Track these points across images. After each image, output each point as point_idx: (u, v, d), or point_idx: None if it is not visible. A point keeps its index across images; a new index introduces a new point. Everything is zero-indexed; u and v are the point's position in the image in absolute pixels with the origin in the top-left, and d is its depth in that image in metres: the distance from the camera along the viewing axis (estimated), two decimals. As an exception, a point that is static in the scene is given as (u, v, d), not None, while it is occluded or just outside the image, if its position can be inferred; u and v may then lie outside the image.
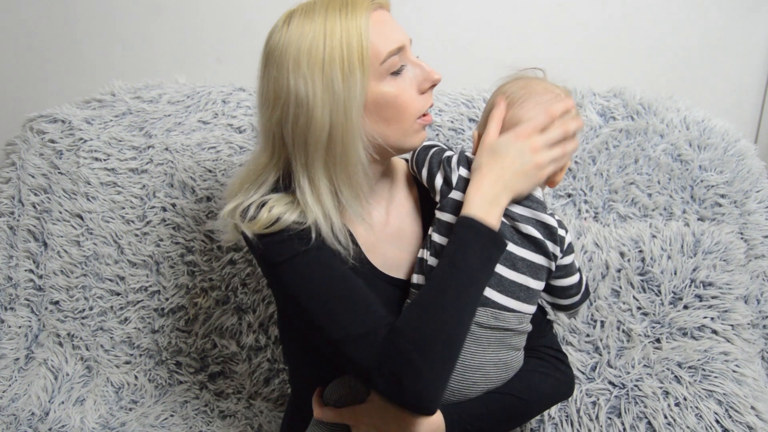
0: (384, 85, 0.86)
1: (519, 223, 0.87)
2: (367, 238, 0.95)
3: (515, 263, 0.87)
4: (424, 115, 0.90)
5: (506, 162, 0.86)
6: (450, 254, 0.83)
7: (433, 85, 0.90)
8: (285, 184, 0.90)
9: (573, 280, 0.96)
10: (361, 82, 0.84)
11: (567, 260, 0.94)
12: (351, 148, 0.85)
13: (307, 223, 0.85)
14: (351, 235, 0.90)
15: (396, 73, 0.87)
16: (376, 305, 0.84)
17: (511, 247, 0.87)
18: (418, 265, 0.90)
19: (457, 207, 0.88)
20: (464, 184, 0.89)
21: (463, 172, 0.90)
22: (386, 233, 0.97)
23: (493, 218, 0.83)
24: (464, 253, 0.82)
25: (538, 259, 0.88)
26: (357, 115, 0.85)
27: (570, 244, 0.94)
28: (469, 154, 0.93)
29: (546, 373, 0.95)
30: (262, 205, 0.86)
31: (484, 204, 0.84)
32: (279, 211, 0.85)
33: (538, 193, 0.91)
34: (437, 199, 0.92)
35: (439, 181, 0.91)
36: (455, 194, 0.89)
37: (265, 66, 0.88)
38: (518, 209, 0.88)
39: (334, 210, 0.87)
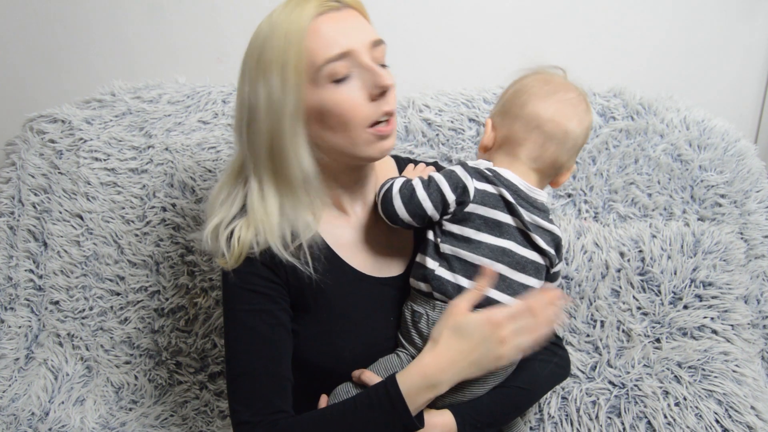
0: (324, 93, 0.83)
1: (529, 232, 0.87)
2: (349, 241, 0.95)
3: (525, 266, 0.87)
4: (376, 124, 0.85)
5: (467, 346, 0.81)
6: (354, 411, 0.82)
7: (383, 92, 0.84)
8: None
9: (557, 281, 0.98)
10: (295, 89, 0.82)
11: (557, 268, 0.95)
12: (288, 156, 0.85)
13: (260, 245, 0.87)
14: (315, 246, 0.90)
15: (338, 80, 0.83)
16: (278, 393, 0.85)
17: (519, 250, 0.86)
18: (421, 273, 0.89)
19: (479, 221, 0.86)
20: (482, 196, 0.86)
21: (477, 185, 0.86)
22: (374, 234, 0.97)
23: (422, 400, 0.81)
24: (366, 424, 0.81)
25: (541, 259, 0.89)
26: (289, 123, 0.83)
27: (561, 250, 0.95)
28: (471, 162, 0.90)
29: (545, 359, 0.96)
30: (231, 235, 0.88)
31: (423, 385, 0.80)
32: (243, 238, 0.87)
33: (543, 197, 0.90)
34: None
35: (453, 205, 0.86)
36: (474, 207, 0.86)
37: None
38: (525, 215, 0.87)
39: (279, 217, 0.87)
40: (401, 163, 1.06)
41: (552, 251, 0.89)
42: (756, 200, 1.26)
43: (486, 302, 0.85)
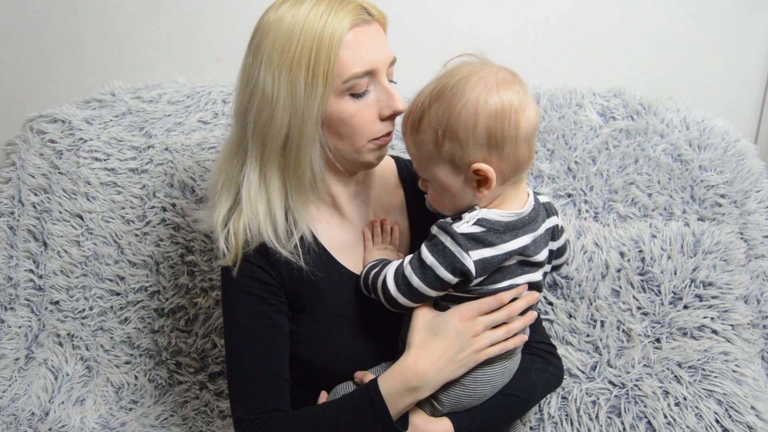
0: (343, 103, 0.84)
1: (529, 258, 0.83)
2: (344, 242, 0.96)
3: (535, 287, 0.87)
4: (379, 137, 0.87)
5: (444, 344, 0.81)
6: (339, 412, 0.82)
7: (394, 114, 0.86)
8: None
9: (566, 254, 0.97)
10: (321, 96, 0.82)
11: (561, 243, 0.93)
12: (304, 156, 0.85)
13: (253, 240, 0.88)
14: (310, 239, 0.91)
15: (357, 95, 0.84)
16: (274, 392, 0.87)
17: (519, 280, 0.84)
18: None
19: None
20: (482, 265, 0.79)
21: (474, 255, 0.79)
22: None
23: (404, 404, 0.81)
24: (350, 425, 0.81)
25: (540, 275, 0.87)
26: (312, 128, 0.84)
27: (561, 228, 0.93)
28: (457, 226, 0.79)
29: (541, 369, 0.97)
30: (228, 233, 0.89)
31: (403, 388, 0.80)
32: (238, 234, 0.88)
33: (531, 203, 0.84)
34: None
35: (455, 282, 0.81)
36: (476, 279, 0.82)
37: (249, 43, 0.88)
38: (529, 245, 0.82)
39: (281, 209, 0.88)
40: (401, 164, 1.06)
41: (547, 255, 0.87)
42: (756, 200, 1.26)
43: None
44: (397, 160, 1.08)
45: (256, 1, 1.44)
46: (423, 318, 0.84)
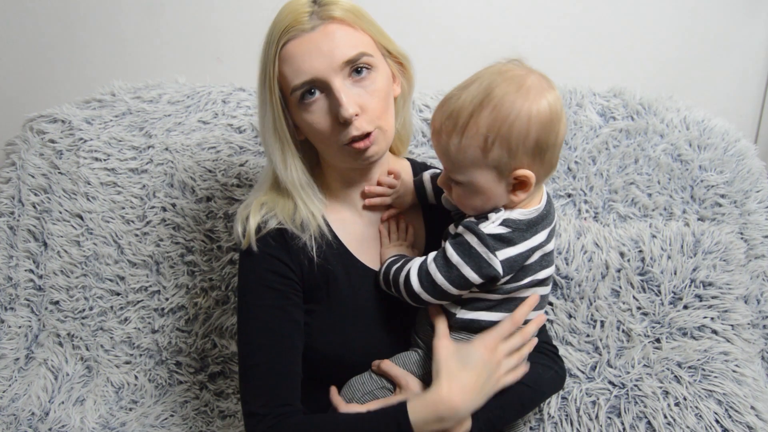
0: (301, 113, 0.87)
1: (546, 245, 0.85)
2: (360, 237, 0.98)
3: (546, 281, 0.89)
4: (353, 141, 0.86)
5: (473, 375, 0.82)
6: (361, 429, 0.82)
7: (343, 122, 0.84)
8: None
9: None
10: (271, 107, 0.87)
11: None
12: (278, 166, 0.91)
13: (267, 226, 0.91)
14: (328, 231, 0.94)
15: (307, 105, 0.86)
16: (286, 386, 0.87)
17: (537, 275, 0.85)
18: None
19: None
20: (509, 264, 0.80)
21: (500, 255, 0.80)
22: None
23: (429, 430, 0.81)
24: None
25: (554, 268, 0.90)
26: (273, 136, 0.89)
27: None
28: (483, 226, 0.81)
29: (547, 365, 0.99)
30: (248, 216, 0.92)
31: (433, 419, 0.81)
32: (252, 221, 0.91)
33: (545, 199, 0.86)
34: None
35: (479, 282, 0.82)
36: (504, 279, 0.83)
37: None
38: (547, 241, 0.85)
39: (292, 200, 0.93)
40: (416, 167, 1.08)
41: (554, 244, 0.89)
42: (756, 200, 1.26)
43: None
44: (412, 162, 1.09)
45: (256, 1, 1.45)
46: (446, 349, 0.84)
